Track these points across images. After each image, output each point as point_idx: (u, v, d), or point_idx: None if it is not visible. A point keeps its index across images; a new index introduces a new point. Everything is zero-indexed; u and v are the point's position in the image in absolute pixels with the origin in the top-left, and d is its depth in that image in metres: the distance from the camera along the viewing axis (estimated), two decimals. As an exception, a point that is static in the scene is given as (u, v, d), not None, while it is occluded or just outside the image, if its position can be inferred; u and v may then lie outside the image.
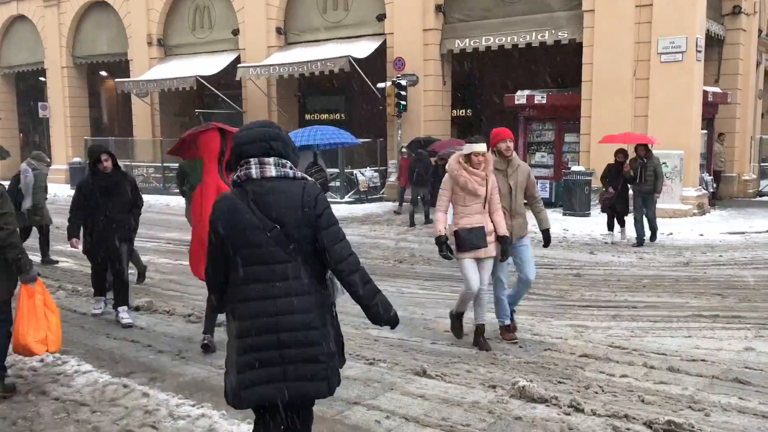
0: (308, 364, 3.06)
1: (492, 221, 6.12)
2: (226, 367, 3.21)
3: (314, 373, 3.07)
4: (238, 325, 3.09)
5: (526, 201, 6.54)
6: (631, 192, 12.38)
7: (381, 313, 3.18)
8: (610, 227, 12.54)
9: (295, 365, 3.05)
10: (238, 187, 3.13)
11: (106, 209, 7.06)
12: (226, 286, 3.17)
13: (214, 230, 3.11)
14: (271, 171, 3.10)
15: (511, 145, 6.39)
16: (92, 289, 7.76)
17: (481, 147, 6.04)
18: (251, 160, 3.11)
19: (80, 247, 7.30)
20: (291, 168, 3.16)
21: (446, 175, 6.19)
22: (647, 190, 11.99)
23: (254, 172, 3.09)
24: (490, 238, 6.09)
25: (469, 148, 6.09)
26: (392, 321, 3.22)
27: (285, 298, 3.05)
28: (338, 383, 3.21)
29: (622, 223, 12.53)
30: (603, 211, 12.70)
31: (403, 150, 17.20)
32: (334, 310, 3.25)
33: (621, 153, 12.16)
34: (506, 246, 6.16)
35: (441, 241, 6.12)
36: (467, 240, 6.02)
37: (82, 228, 7.27)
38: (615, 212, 12.36)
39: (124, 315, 7.22)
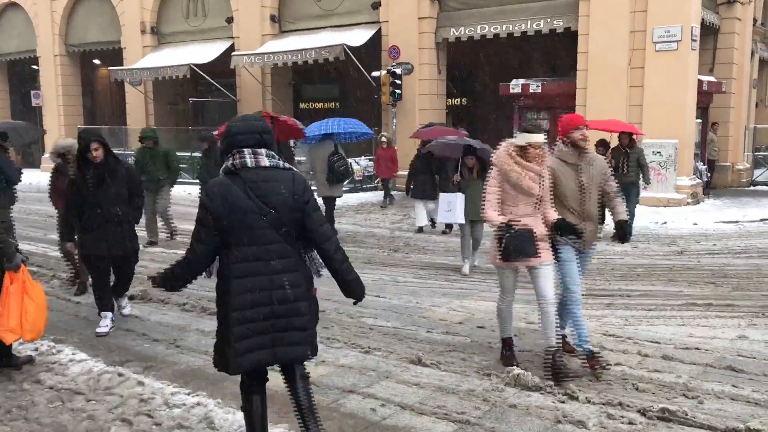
0: (296, 331, 3.49)
1: (544, 218, 5.23)
2: (216, 336, 3.54)
3: (300, 339, 3.51)
4: (234, 299, 3.40)
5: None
6: None
7: (355, 288, 3.64)
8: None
9: (284, 333, 3.46)
10: (232, 174, 3.42)
11: (102, 202, 6.32)
12: (206, 267, 3.50)
13: (207, 211, 3.39)
14: (265, 161, 3.45)
15: (587, 133, 5.32)
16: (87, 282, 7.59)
17: (540, 137, 5.10)
18: (245, 150, 3.43)
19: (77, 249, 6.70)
20: (279, 159, 3.53)
21: (493, 169, 5.26)
22: (628, 181, 11.26)
23: (249, 161, 3.42)
24: (543, 244, 5.14)
25: (525, 138, 5.11)
26: (362, 295, 3.69)
27: (278, 275, 3.43)
28: (316, 348, 3.65)
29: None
30: None
31: (383, 139, 16.55)
32: (312, 283, 3.64)
33: (601, 144, 11.43)
34: (564, 225, 5.13)
35: (509, 224, 5.08)
36: (515, 246, 5.03)
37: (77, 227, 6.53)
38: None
39: (125, 304, 7.09)
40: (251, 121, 3.57)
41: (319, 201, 8.03)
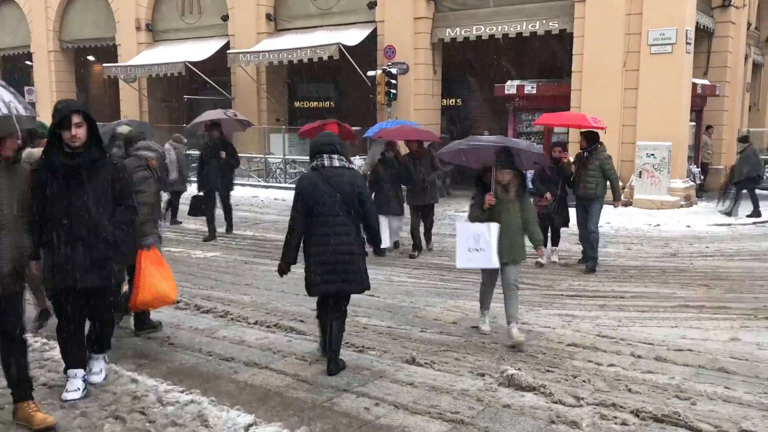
0: (351, 274, 5.26)
1: None
2: (305, 273, 5.31)
3: (354, 279, 5.28)
4: (312, 250, 5.24)
5: None
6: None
7: (376, 240, 5.63)
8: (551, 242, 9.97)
9: (344, 274, 5.23)
10: (316, 170, 5.26)
11: (70, 210, 4.47)
12: (304, 230, 5.24)
13: (300, 194, 5.24)
14: (336, 162, 5.28)
15: None
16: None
17: None
18: (324, 155, 5.25)
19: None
20: (347, 161, 5.40)
21: None
22: (585, 195, 9.17)
23: (326, 162, 5.25)
24: None
25: None
26: (379, 245, 5.79)
27: (340, 237, 5.21)
28: (368, 287, 5.42)
29: (555, 240, 9.94)
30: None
31: None
32: (365, 246, 5.41)
33: (559, 147, 9.73)
34: None
35: None
36: None
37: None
38: (551, 225, 9.70)
39: (98, 368, 5.07)
40: (328, 136, 5.53)
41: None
